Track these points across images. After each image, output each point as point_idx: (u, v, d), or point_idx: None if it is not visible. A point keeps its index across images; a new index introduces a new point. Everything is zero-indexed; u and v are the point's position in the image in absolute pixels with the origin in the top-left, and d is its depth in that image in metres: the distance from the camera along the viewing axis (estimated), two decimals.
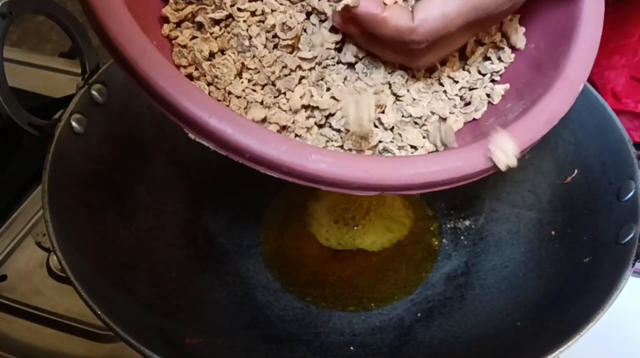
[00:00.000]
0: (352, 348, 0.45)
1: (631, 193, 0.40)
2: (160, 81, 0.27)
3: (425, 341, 0.44)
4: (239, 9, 0.34)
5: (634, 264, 0.36)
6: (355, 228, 0.52)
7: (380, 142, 0.34)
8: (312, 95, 0.34)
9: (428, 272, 0.50)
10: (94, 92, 0.44)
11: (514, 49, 0.38)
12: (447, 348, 0.43)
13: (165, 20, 0.35)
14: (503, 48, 0.37)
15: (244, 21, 0.34)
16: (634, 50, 0.57)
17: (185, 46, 0.34)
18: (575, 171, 0.45)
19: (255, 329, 0.45)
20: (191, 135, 0.29)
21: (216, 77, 0.33)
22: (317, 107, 0.34)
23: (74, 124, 0.43)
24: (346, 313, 0.47)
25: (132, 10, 0.30)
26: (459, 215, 0.52)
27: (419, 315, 0.47)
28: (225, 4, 0.34)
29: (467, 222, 0.52)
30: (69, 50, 0.70)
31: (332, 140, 0.33)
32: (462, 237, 0.51)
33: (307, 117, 0.34)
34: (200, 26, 0.35)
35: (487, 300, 0.45)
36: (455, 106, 0.36)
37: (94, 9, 0.28)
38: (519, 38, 0.37)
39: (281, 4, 0.34)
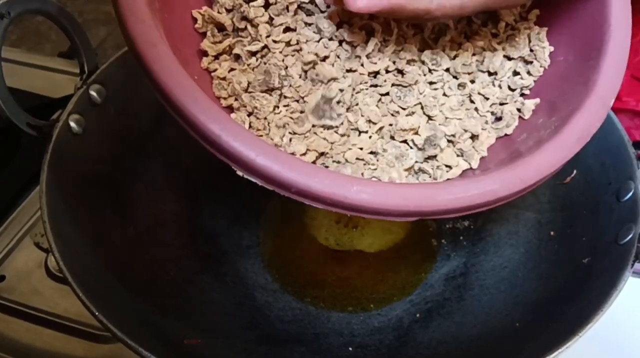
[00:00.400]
0: (350, 349, 0.45)
1: (630, 194, 0.40)
2: (209, 124, 0.29)
3: (424, 342, 0.44)
4: (274, 41, 0.35)
5: (633, 264, 0.36)
6: (354, 229, 0.52)
7: (416, 162, 0.35)
8: (349, 121, 0.35)
9: (427, 272, 0.50)
10: (92, 93, 0.44)
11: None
12: (446, 348, 0.43)
13: (204, 53, 0.36)
14: (532, 62, 0.38)
15: (280, 52, 0.35)
16: (635, 51, 0.57)
17: (224, 78, 0.35)
18: (575, 171, 0.45)
19: (254, 330, 0.45)
20: (239, 173, 0.30)
21: (255, 108, 0.34)
22: (357, 129, 0.35)
23: (72, 124, 0.42)
24: (345, 314, 0.47)
25: (173, 45, 0.31)
26: None
27: (418, 315, 0.47)
28: (260, 35, 0.35)
29: (466, 223, 0.52)
30: (67, 50, 0.70)
31: (368, 164, 0.34)
32: (461, 238, 0.51)
33: (344, 143, 0.34)
34: (237, 58, 0.36)
35: (486, 301, 0.45)
36: (487, 122, 0.37)
37: (143, 57, 0.30)
38: (545, 54, 0.38)
39: (314, 33, 0.35)
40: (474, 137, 0.36)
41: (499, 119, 0.37)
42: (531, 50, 0.38)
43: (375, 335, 0.46)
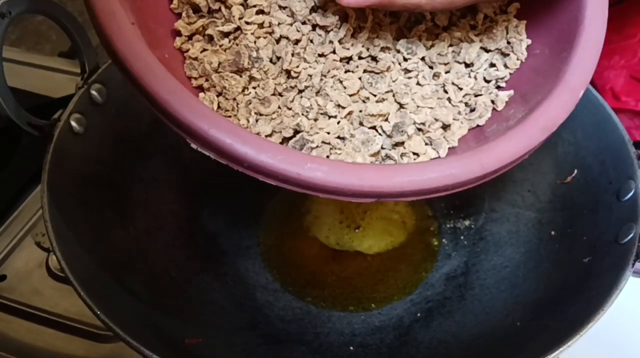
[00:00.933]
0: (351, 348, 0.45)
1: (631, 193, 0.40)
2: (163, 94, 0.29)
3: (424, 341, 0.44)
4: (247, 22, 0.35)
5: (633, 264, 0.36)
6: (356, 230, 0.52)
7: (382, 148, 0.34)
8: (318, 104, 0.34)
9: (428, 272, 0.50)
10: (93, 92, 0.44)
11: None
12: (447, 348, 0.43)
13: (178, 33, 0.36)
14: (509, 54, 0.38)
15: (252, 34, 0.35)
16: (633, 51, 0.57)
17: (196, 58, 0.35)
18: (575, 171, 0.45)
19: (254, 329, 0.45)
20: (193, 145, 0.30)
21: (224, 88, 0.34)
22: (325, 113, 0.35)
23: (73, 123, 0.43)
24: (346, 314, 0.47)
25: (144, 24, 0.31)
26: (458, 215, 0.52)
27: (418, 315, 0.47)
28: (233, 17, 0.35)
29: (466, 222, 0.52)
30: (68, 50, 0.70)
31: (335, 148, 0.34)
32: (462, 237, 0.51)
33: (311, 127, 0.34)
34: (210, 39, 0.36)
35: (487, 300, 0.45)
36: (459, 112, 0.37)
37: (102, 26, 0.29)
38: (522, 47, 0.38)
39: (288, 16, 0.35)
40: (445, 126, 0.36)
41: (472, 109, 0.37)
42: (508, 43, 0.38)
43: (376, 334, 0.46)
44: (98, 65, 0.46)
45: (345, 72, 0.36)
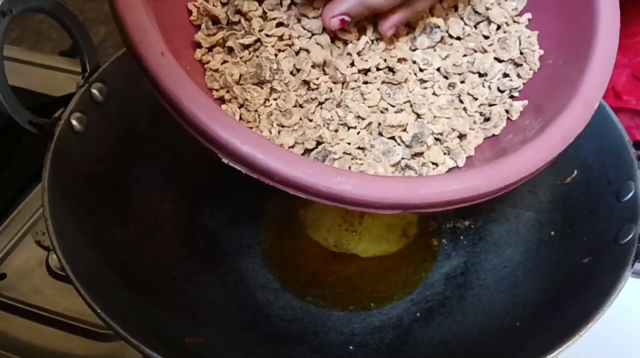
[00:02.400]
0: (351, 347, 0.45)
1: (631, 194, 0.40)
2: (196, 112, 0.29)
3: (424, 341, 0.45)
4: (267, 35, 0.36)
5: (633, 264, 0.37)
6: (354, 233, 0.52)
7: (402, 159, 0.35)
8: (339, 116, 0.35)
9: (427, 271, 0.50)
10: (94, 91, 0.44)
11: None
12: (446, 348, 0.43)
13: (198, 45, 0.37)
14: (521, 65, 0.38)
15: (272, 46, 0.36)
16: (636, 50, 0.57)
17: (217, 70, 0.36)
18: (575, 171, 0.46)
19: (255, 328, 0.45)
20: (224, 160, 0.30)
21: (246, 100, 0.34)
22: (345, 124, 0.35)
23: (74, 122, 0.43)
24: (345, 313, 0.47)
25: (165, 35, 0.31)
26: (458, 215, 0.52)
27: (418, 314, 0.47)
28: (253, 29, 0.36)
29: (466, 222, 0.52)
30: (68, 49, 0.70)
31: (356, 159, 0.35)
32: (462, 237, 0.51)
33: (332, 138, 0.35)
34: (230, 51, 0.36)
35: (487, 300, 0.45)
36: (475, 122, 0.37)
37: (133, 42, 0.30)
38: (535, 57, 0.38)
39: (307, 30, 0.36)
40: (461, 136, 0.37)
41: (487, 119, 0.37)
42: (521, 53, 0.38)
43: (375, 333, 0.46)
44: (99, 64, 0.46)
45: (364, 83, 0.37)
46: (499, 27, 0.39)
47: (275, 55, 0.36)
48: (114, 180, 0.45)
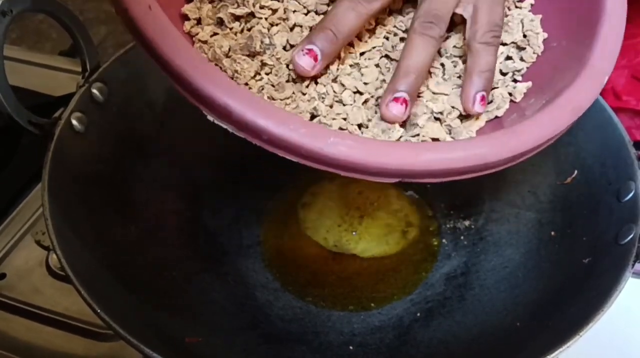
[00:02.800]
0: (351, 347, 0.45)
1: (631, 194, 0.40)
2: (180, 63, 0.28)
3: (424, 341, 0.44)
4: (261, 7, 0.34)
5: (633, 265, 0.36)
6: (354, 233, 0.52)
7: (401, 137, 0.33)
8: (334, 91, 0.34)
9: (427, 272, 0.50)
10: (94, 91, 0.44)
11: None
12: (446, 348, 0.43)
13: (186, 17, 0.35)
14: (525, 48, 0.37)
15: (265, 18, 0.34)
16: (636, 51, 0.57)
17: (205, 42, 0.34)
18: (575, 172, 0.46)
19: (255, 328, 0.45)
20: (210, 117, 0.29)
21: (236, 71, 0.33)
22: (341, 101, 0.34)
23: (74, 122, 0.42)
24: (345, 313, 0.47)
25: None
26: (458, 215, 0.52)
27: (418, 315, 0.47)
28: (247, 1, 0.34)
29: (466, 222, 0.52)
30: (68, 49, 0.70)
31: (353, 134, 0.33)
32: (462, 237, 0.51)
33: (327, 112, 0.33)
34: (220, 23, 0.35)
35: (487, 300, 0.45)
36: None
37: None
38: (539, 40, 0.37)
39: (303, 6, 0.35)
40: (462, 117, 0.35)
41: (490, 101, 0.36)
42: (525, 36, 0.37)
43: (375, 333, 0.46)
44: (99, 63, 0.46)
45: (362, 55, 0.35)
46: None
47: (268, 29, 0.34)
48: (114, 180, 0.45)
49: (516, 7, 0.39)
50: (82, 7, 1.11)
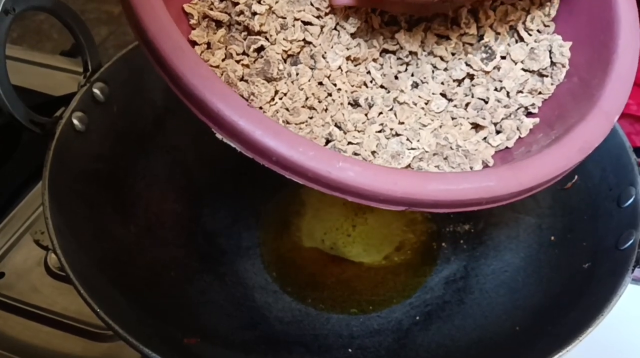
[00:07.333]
0: (350, 350, 0.45)
1: (631, 200, 0.40)
2: (192, 79, 0.27)
3: (423, 345, 0.44)
4: (284, 39, 0.34)
5: (633, 270, 0.37)
6: (348, 236, 0.52)
7: (412, 161, 0.33)
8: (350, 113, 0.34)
9: (427, 275, 0.50)
10: (95, 91, 0.44)
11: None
12: (446, 352, 0.43)
13: (194, 43, 0.35)
14: (547, 76, 0.37)
15: (283, 47, 0.34)
16: None
17: (217, 66, 0.34)
18: (576, 177, 0.46)
19: (253, 330, 0.45)
20: (219, 135, 0.28)
21: (253, 94, 0.32)
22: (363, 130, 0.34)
23: (75, 121, 0.43)
24: (345, 316, 0.47)
25: None
26: (458, 219, 0.52)
27: (417, 318, 0.47)
28: (271, 36, 0.34)
29: (466, 226, 0.52)
30: (69, 48, 0.70)
31: (365, 160, 0.33)
32: (462, 241, 0.51)
33: (343, 137, 0.33)
34: (231, 55, 0.34)
35: (486, 305, 0.45)
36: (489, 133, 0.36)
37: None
38: (562, 73, 0.37)
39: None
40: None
41: (498, 132, 0.36)
42: (553, 64, 0.37)
43: (374, 337, 0.46)
44: (100, 63, 0.46)
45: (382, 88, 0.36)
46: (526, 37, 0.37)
47: (285, 60, 0.34)
48: (114, 179, 0.45)
49: (538, 31, 0.38)
50: (83, 8, 1.11)
